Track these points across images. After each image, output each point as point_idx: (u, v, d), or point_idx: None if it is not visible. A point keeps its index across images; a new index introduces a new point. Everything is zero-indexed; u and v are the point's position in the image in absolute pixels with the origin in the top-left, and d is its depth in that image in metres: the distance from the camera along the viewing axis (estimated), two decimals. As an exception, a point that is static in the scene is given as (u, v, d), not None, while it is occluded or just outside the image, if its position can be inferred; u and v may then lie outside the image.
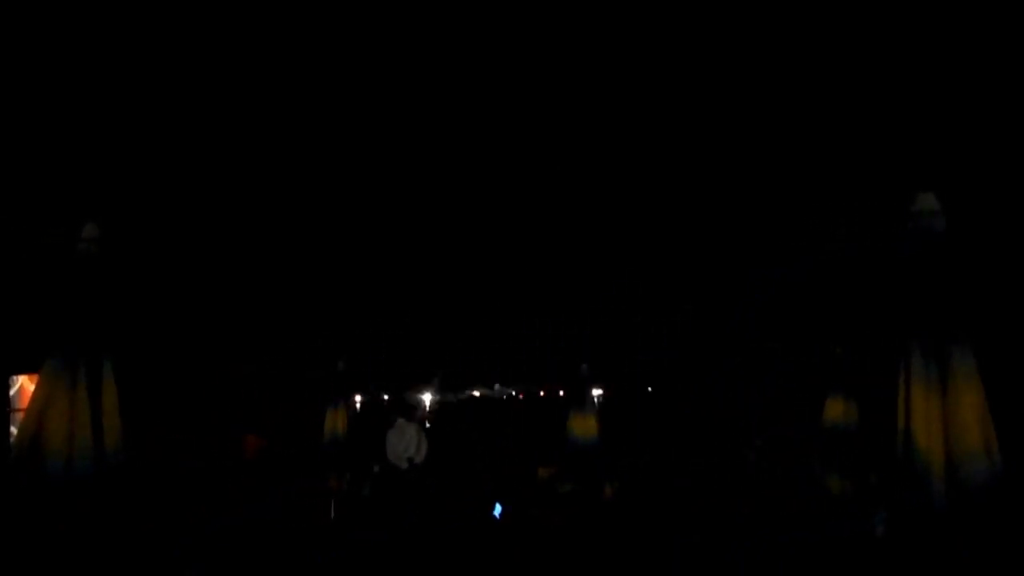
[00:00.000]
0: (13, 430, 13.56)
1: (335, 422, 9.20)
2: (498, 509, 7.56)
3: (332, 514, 8.77)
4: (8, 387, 13.90)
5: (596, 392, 12.70)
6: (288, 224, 12.49)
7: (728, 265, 14.06)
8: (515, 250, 15.29)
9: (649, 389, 19.47)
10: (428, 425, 14.46)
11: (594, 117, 10.55)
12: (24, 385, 13.89)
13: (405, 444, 10.84)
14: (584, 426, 8.55)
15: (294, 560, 6.74)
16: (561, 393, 21.98)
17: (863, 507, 7.27)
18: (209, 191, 11.25)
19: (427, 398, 22.33)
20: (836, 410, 8.09)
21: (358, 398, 17.85)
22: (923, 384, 3.57)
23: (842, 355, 8.84)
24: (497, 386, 26.72)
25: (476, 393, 25.84)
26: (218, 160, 10.65)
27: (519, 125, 10.81)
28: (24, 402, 13.75)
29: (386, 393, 19.37)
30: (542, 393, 24.52)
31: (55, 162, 9.49)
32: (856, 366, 8.63)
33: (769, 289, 13.08)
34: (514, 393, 26.36)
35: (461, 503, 9.09)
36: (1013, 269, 8.99)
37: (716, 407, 14.55)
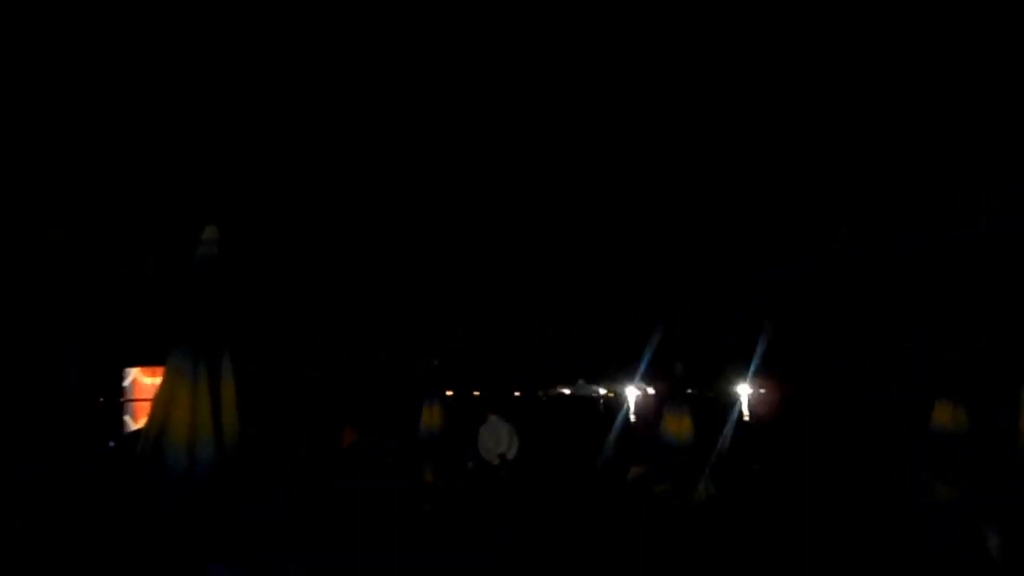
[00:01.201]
0: (127, 419, 14.33)
1: (431, 417, 9.34)
2: None
3: (427, 507, 8.93)
4: (123, 379, 14.70)
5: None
6: (383, 227, 12.81)
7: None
8: (601, 246, 15.25)
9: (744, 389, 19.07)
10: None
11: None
12: (137, 377, 14.66)
13: (497, 440, 10.93)
14: (679, 426, 8.45)
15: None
16: (651, 392, 21.78)
17: (973, 515, 6.98)
18: (306, 196, 11.64)
19: (517, 395, 22.45)
20: (945, 415, 7.78)
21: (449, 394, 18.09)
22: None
23: (951, 358, 8.51)
24: (580, 381, 26.60)
25: (565, 391, 25.84)
26: (314, 163, 11.02)
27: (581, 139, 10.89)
28: (136, 393, 14.51)
29: (477, 390, 19.58)
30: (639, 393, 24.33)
31: (173, 172, 10.02)
32: (967, 369, 8.31)
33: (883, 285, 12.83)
34: (604, 391, 26.24)
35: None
36: None
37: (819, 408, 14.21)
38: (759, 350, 14.85)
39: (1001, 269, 10.53)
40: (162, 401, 3.69)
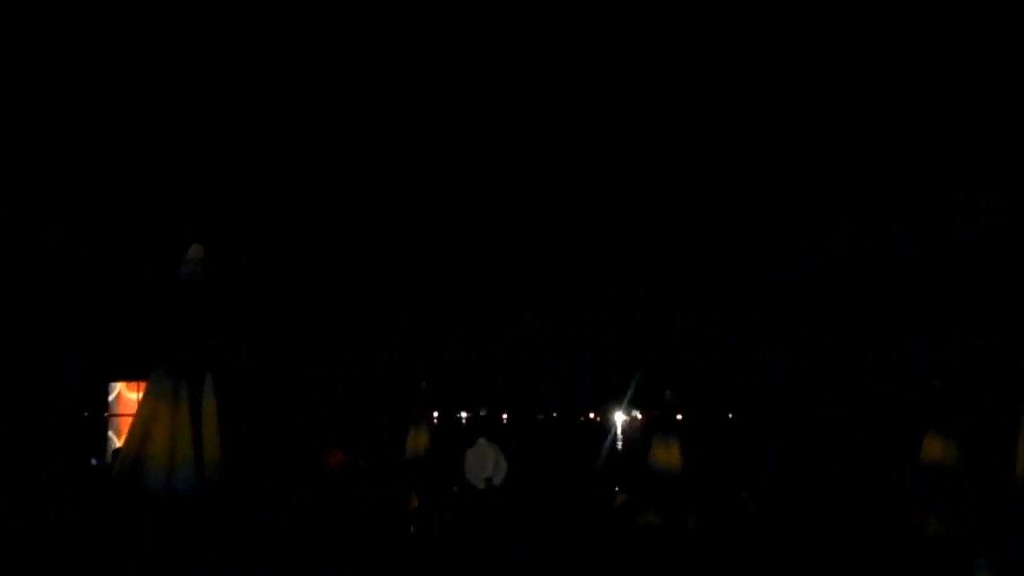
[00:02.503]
0: (111, 434, 14.16)
1: (417, 440, 9.25)
2: None
3: (412, 531, 8.82)
4: (108, 393, 14.56)
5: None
6: (370, 241, 12.74)
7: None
8: (590, 267, 15.18)
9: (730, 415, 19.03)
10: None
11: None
12: (122, 392, 14.52)
13: (483, 464, 10.82)
14: (667, 454, 8.36)
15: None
16: (640, 418, 21.72)
17: (962, 550, 6.93)
18: (293, 207, 11.60)
19: (504, 417, 22.34)
20: (935, 449, 7.73)
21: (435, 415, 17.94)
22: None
23: (941, 389, 8.46)
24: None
25: (554, 414, 25.71)
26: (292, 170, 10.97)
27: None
28: (121, 407, 14.36)
29: (464, 412, 19.48)
30: (626, 418, 24.29)
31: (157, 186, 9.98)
32: (957, 401, 8.27)
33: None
34: (592, 415, 26.12)
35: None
36: None
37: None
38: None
39: (1001, 269, 10.58)
40: (141, 422, 3.61)
